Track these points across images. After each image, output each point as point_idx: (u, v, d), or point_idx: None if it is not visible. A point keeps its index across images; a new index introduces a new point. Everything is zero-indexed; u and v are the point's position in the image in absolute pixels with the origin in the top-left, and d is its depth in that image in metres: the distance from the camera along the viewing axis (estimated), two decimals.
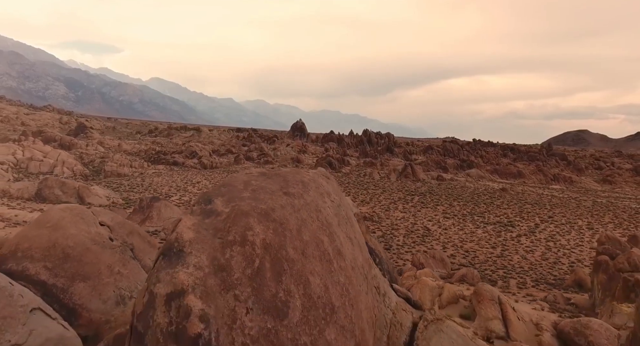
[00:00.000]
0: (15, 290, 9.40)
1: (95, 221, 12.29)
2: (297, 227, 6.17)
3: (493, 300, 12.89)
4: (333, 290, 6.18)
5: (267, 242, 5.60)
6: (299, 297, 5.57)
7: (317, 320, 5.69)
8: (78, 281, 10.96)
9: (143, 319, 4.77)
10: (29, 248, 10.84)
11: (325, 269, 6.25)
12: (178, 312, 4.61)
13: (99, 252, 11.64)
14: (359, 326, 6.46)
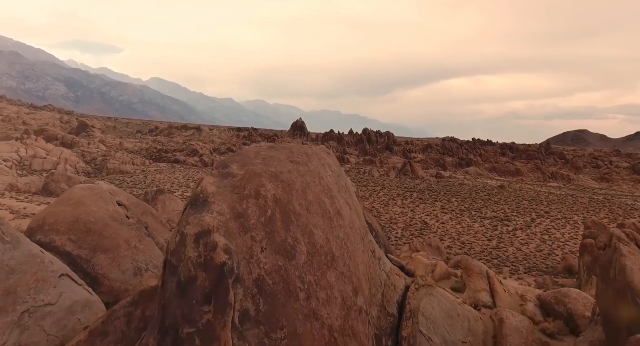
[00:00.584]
0: (45, 257, 10.39)
1: (113, 200, 13.27)
2: (302, 188, 7.15)
3: (481, 274, 13.89)
4: (333, 242, 7.16)
5: (277, 197, 6.58)
6: (304, 244, 6.55)
7: (320, 264, 6.67)
8: (99, 253, 11.93)
9: (176, 254, 5.75)
10: (54, 222, 11.82)
11: (327, 224, 7.23)
12: (205, 247, 5.58)
13: (117, 228, 12.61)
14: (355, 275, 7.45)
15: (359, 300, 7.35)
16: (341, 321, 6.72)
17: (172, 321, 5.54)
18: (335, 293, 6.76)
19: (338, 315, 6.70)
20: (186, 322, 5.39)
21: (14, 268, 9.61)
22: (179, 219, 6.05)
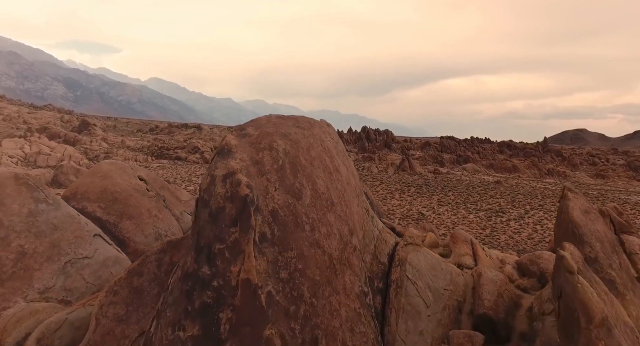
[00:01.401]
0: (81, 219, 11.94)
1: (135, 174, 14.78)
2: (307, 147, 8.66)
3: (466, 242, 15.39)
4: (332, 191, 8.67)
5: (287, 151, 8.08)
6: (309, 189, 8.06)
7: (321, 206, 8.18)
8: (125, 219, 13.46)
9: (207, 191, 7.25)
10: (85, 191, 13.34)
11: (327, 177, 8.73)
12: (231, 184, 7.08)
13: (139, 198, 14.12)
14: (351, 219, 8.96)
15: (353, 240, 8.87)
16: (339, 252, 8.23)
17: (206, 241, 7.04)
18: (334, 230, 8.27)
19: (336, 247, 8.21)
20: (217, 241, 6.90)
21: (57, 226, 11.13)
22: (208, 166, 7.54)
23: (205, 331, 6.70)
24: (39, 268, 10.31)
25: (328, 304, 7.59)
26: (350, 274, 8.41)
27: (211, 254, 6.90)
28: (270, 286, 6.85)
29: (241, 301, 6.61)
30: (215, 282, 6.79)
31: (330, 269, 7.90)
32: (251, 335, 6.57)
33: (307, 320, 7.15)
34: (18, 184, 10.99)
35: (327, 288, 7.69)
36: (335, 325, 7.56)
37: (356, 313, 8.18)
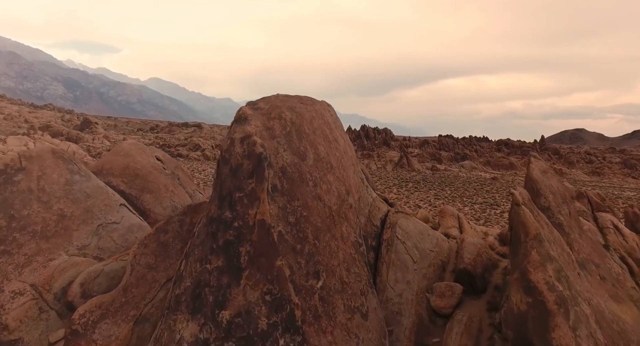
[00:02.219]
0: (109, 190, 13.48)
1: (153, 154, 16.31)
2: (310, 118, 10.19)
3: (453, 216, 16.93)
4: (332, 157, 10.20)
5: (293, 120, 9.61)
6: (311, 153, 9.59)
7: (322, 168, 9.71)
8: (145, 192, 14.97)
9: (228, 151, 8.78)
10: (110, 168, 14.86)
11: (327, 145, 10.26)
12: (248, 144, 8.61)
13: (157, 175, 15.66)
14: (348, 181, 10.49)
15: (350, 199, 10.40)
16: (337, 206, 9.76)
17: (227, 191, 8.56)
18: (333, 188, 9.80)
19: (335, 202, 9.74)
20: (237, 190, 8.42)
21: (89, 194, 12.66)
22: (227, 132, 9.07)
23: (228, 262, 8.23)
24: (76, 228, 11.83)
25: (328, 246, 9.11)
26: (347, 226, 9.93)
27: (232, 201, 8.43)
28: (281, 227, 8.38)
29: (257, 237, 8.14)
30: (235, 223, 8.31)
31: (330, 219, 9.43)
32: (266, 264, 8.09)
33: (311, 256, 8.67)
34: (55, 157, 12.50)
35: (327, 234, 9.22)
36: (334, 263, 9.08)
37: (352, 257, 9.71)
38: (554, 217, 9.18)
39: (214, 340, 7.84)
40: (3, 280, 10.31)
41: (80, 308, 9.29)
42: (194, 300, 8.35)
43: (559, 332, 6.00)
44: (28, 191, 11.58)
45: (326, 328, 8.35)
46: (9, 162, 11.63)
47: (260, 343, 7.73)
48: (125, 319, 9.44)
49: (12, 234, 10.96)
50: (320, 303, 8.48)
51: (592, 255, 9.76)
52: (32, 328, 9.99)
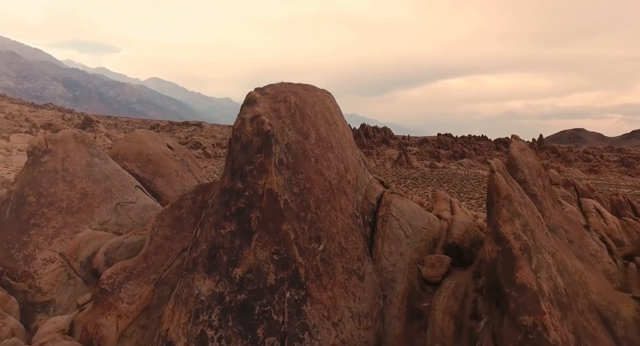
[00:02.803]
0: (125, 173, 14.58)
1: (164, 142, 17.39)
2: (312, 103, 11.28)
3: (445, 200, 18.04)
4: (332, 137, 11.29)
5: (297, 103, 10.70)
6: (313, 132, 10.67)
7: (323, 146, 10.79)
8: (158, 177, 16.08)
9: (239, 130, 9.86)
10: (125, 153, 15.96)
11: (327, 127, 11.35)
12: (257, 123, 9.69)
13: (168, 161, 16.76)
14: (346, 160, 11.58)
15: (348, 175, 11.49)
16: (337, 181, 10.85)
17: (238, 165, 9.65)
18: (333, 165, 10.90)
19: (335, 178, 10.83)
20: (247, 163, 9.51)
21: (108, 175, 13.75)
22: (239, 113, 10.16)
23: (240, 227, 9.32)
24: (97, 206, 12.92)
25: (328, 216, 10.20)
26: (345, 200, 11.03)
27: (243, 174, 9.52)
28: (287, 196, 9.47)
29: (266, 204, 9.23)
30: (246, 192, 9.41)
31: (330, 192, 10.52)
32: (273, 228, 9.18)
33: (313, 223, 9.76)
34: (77, 141, 13.58)
35: (328, 205, 10.31)
36: (333, 230, 10.17)
37: (350, 227, 10.80)
38: (529, 188, 10.24)
39: (228, 292, 8.94)
40: (35, 249, 11.40)
41: (108, 271, 10.38)
42: (209, 260, 9.44)
43: (522, 273, 7.05)
44: (54, 171, 12.67)
45: (327, 285, 9.44)
46: (37, 144, 12.71)
47: (269, 295, 8.82)
48: (146, 281, 10.52)
49: (41, 209, 12.05)
50: (321, 263, 9.56)
51: (562, 223, 10.83)
52: (62, 292, 11.07)
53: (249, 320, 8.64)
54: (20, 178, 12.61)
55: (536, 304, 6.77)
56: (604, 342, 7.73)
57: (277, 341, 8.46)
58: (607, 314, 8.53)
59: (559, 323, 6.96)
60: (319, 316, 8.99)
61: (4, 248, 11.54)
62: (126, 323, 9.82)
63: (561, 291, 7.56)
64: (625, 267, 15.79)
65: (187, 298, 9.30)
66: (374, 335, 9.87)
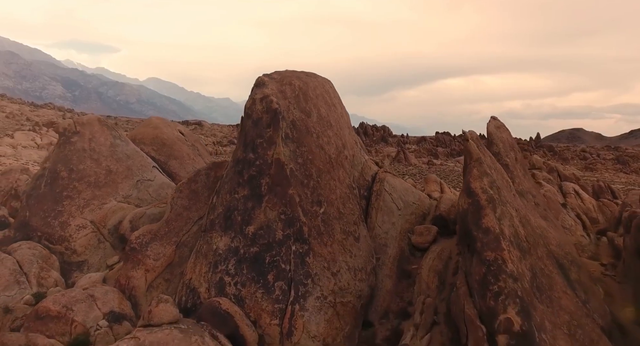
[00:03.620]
0: (143, 154, 16.06)
1: (176, 128, 18.88)
2: (313, 86, 12.78)
3: (436, 182, 19.54)
4: (331, 117, 12.79)
5: (300, 86, 12.20)
6: (315, 112, 12.18)
7: (323, 124, 12.30)
8: (172, 159, 17.58)
9: (250, 108, 11.36)
10: (142, 137, 17.44)
11: (327, 108, 12.86)
12: (266, 102, 11.19)
13: (181, 145, 18.26)
14: (343, 138, 13.08)
15: (346, 151, 13.00)
16: (335, 155, 12.36)
17: (250, 139, 11.15)
18: (332, 141, 12.40)
19: (334, 152, 12.33)
20: (258, 137, 11.01)
21: (129, 155, 15.24)
22: (250, 95, 11.65)
23: (252, 191, 10.82)
24: (121, 182, 14.40)
25: (328, 184, 11.71)
26: (343, 172, 12.53)
27: (254, 146, 11.02)
28: (292, 165, 10.97)
29: (274, 172, 10.73)
30: (257, 162, 10.91)
31: (330, 164, 12.03)
32: (281, 192, 10.68)
33: (314, 189, 11.26)
34: (101, 124, 15.07)
35: (327, 175, 11.82)
36: (332, 197, 11.68)
37: (347, 195, 12.30)
38: (502, 159, 11.70)
39: (242, 246, 10.44)
40: (69, 217, 12.89)
41: (135, 233, 11.87)
42: (225, 220, 10.94)
43: (487, 219, 8.50)
44: (82, 150, 14.16)
45: (327, 242, 10.94)
46: (67, 126, 14.20)
47: (277, 248, 10.32)
48: (169, 243, 12.02)
49: (72, 183, 13.55)
50: (322, 224, 11.07)
51: (531, 189, 12.30)
52: (93, 253, 12.57)
53: (261, 268, 10.14)
54: (52, 156, 14.10)
55: (497, 243, 8.25)
56: (557, 281, 9.21)
57: (285, 285, 9.96)
58: (563, 261, 10.00)
59: (518, 261, 8.45)
60: (320, 267, 10.49)
61: (41, 217, 13.02)
62: (153, 276, 11.31)
63: (522, 237, 9.05)
64: (598, 240, 17.33)
65: (206, 252, 10.80)
66: (367, 287, 11.37)
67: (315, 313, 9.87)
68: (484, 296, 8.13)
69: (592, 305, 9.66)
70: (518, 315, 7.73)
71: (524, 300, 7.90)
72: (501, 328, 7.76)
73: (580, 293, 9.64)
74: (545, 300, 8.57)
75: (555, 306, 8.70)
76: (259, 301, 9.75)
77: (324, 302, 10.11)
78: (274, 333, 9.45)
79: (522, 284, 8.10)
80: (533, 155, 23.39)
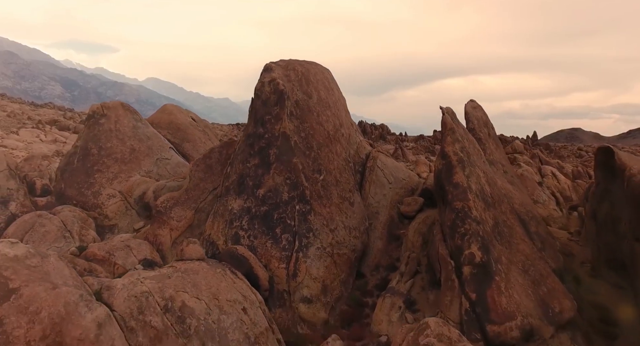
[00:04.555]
0: (161, 136, 17.90)
1: (189, 115, 20.74)
2: (314, 72, 14.65)
3: (425, 164, 21.44)
4: (329, 99, 14.66)
5: (302, 72, 14.06)
6: (315, 94, 14.05)
7: (323, 105, 14.16)
8: (185, 142, 19.43)
9: (259, 90, 13.22)
10: (158, 122, 19.29)
11: (326, 91, 14.72)
12: (274, 85, 13.05)
13: (193, 130, 20.12)
14: (340, 118, 14.94)
15: (342, 130, 14.86)
16: (333, 132, 14.22)
17: (260, 116, 13.00)
18: (330, 120, 14.26)
19: (331, 129, 14.19)
20: (267, 114, 12.86)
21: (149, 137, 17.09)
22: (259, 78, 13.51)
23: (261, 160, 12.67)
24: (143, 159, 16.25)
25: (327, 156, 13.57)
26: (340, 147, 14.40)
27: (263, 122, 12.88)
28: (296, 138, 12.83)
29: (281, 143, 12.59)
30: (266, 135, 12.76)
31: (328, 139, 13.89)
32: (286, 161, 12.53)
33: (315, 160, 13.12)
34: (124, 109, 16.91)
35: (326, 149, 13.68)
36: (330, 167, 13.54)
37: (343, 167, 14.16)
38: (476, 134, 13.56)
39: (254, 206, 12.30)
40: (100, 188, 14.74)
41: (160, 198, 13.72)
42: (239, 186, 12.80)
43: (457, 176, 10.33)
44: (109, 131, 16.01)
45: (325, 204, 12.81)
46: (96, 110, 16.05)
47: (283, 207, 12.17)
48: (189, 208, 13.87)
49: (102, 159, 15.40)
50: (321, 189, 12.93)
51: (501, 160, 14.17)
52: (122, 219, 14.42)
53: (270, 223, 12.00)
54: (83, 136, 15.95)
55: (465, 195, 10.09)
56: (517, 231, 11.07)
57: (290, 237, 11.82)
58: (524, 217, 11.85)
59: (482, 210, 10.31)
60: (320, 224, 12.35)
61: (76, 188, 14.86)
62: (176, 234, 13.16)
63: (487, 193, 10.91)
64: (569, 214, 19.24)
65: (223, 212, 12.66)
66: (360, 243, 13.24)
67: (315, 260, 11.73)
68: (453, 237, 10.00)
69: (547, 253, 11.54)
70: (479, 250, 9.60)
71: (485, 239, 9.77)
72: (466, 260, 9.63)
73: (537, 242, 11.52)
74: (504, 243, 10.45)
75: (514, 249, 10.57)
76: (268, 249, 11.61)
77: (323, 252, 11.98)
78: (281, 275, 11.31)
79: (484, 227, 9.97)
80: (514, 140, 25.08)
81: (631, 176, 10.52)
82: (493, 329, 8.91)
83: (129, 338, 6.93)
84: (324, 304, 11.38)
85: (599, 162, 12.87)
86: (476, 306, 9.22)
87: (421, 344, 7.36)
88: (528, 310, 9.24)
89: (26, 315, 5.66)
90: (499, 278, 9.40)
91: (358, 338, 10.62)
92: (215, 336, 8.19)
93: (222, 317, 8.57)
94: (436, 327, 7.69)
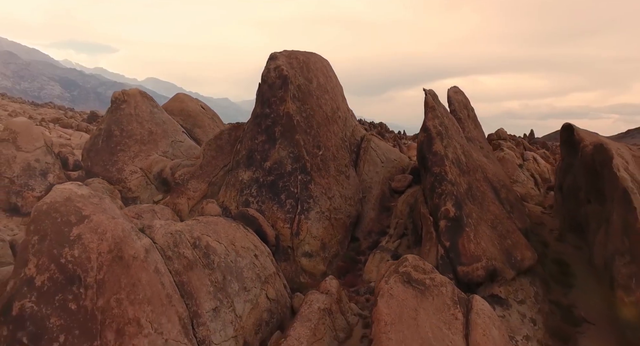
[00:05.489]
0: (175, 121, 19.69)
1: (199, 103, 22.55)
2: (314, 61, 16.46)
3: (416, 149, 23.28)
4: (327, 85, 16.48)
5: (304, 60, 15.87)
6: (315, 81, 15.87)
7: (322, 90, 15.98)
8: (196, 127, 21.23)
9: (266, 75, 15.03)
10: (171, 110, 21.09)
11: (325, 78, 16.53)
12: (279, 71, 14.85)
13: (203, 117, 21.93)
14: (337, 102, 16.76)
15: (339, 112, 16.68)
16: (331, 114, 16.03)
17: (266, 98, 14.81)
18: (328, 103, 16.07)
19: (330, 111, 16.00)
20: (272, 96, 14.67)
21: (164, 121, 18.90)
22: (265, 65, 15.31)
23: (268, 137, 14.47)
24: (159, 140, 18.04)
25: (325, 134, 15.37)
26: (337, 127, 16.20)
27: (269, 103, 14.68)
28: (298, 118, 14.63)
29: (285, 122, 14.39)
30: (272, 115, 14.56)
31: (326, 120, 15.70)
32: (290, 137, 14.33)
33: (315, 137, 14.92)
34: (142, 96, 18.70)
35: (325, 128, 15.48)
36: (329, 144, 15.34)
37: (340, 145, 15.97)
38: (457, 114, 15.37)
39: (261, 176, 14.10)
40: (123, 165, 16.54)
41: (178, 172, 15.52)
42: (248, 159, 14.60)
43: (436, 146, 12.12)
44: (129, 115, 17.80)
45: (324, 175, 14.61)
46: (117, 96, 17.84)
47: (287, 177, 13.97)
48: (203, 181, 15.67)
49: (124, 140, 17.19)
50: (320, 162, 14.74)
51: (479, 137, 16.00)
52: (143, 192, 16.22)
53: (276, 190, 13.80)
54: (106, 120, 17.75)
55: (442, 161, 11.90)
56: (489, 196, 12.88)
57: (293, 202, 13.62)
58: (495, 185, 13.67)
59: (457, 175, 12.12)
60: (319, 192, 14.16)
61: (101, 165, 16.65)
62: (193, 203, 14.96)
63: (462, 162, 12.72)
64: (546, 194, 21.07)
65: (234, 183, 14.46)
66: (355, 211, 15.05)
67: (315, 221, 13.54)
68: (432, 197, 11.82)
69: (515, 215, 13.37)
70: (453, 206, 11.41)
71: (458, 197, 11.58)
72: (442, 215, 11.44)
73: (507, 206, 13.34)
74: (476, 204, 12.26)
75: (484, 209, 12.39)
76: (275, 212, 13.42)
77: (322, 215, 13.79)
78: (286, 233, 13.12)
79: (458, 189, 11.79)
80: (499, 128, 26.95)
81: (584, 147, 12.33)
82: (462, 269, 10.72)
83: (167, 264, 8.72)
84: (322, 258, 13.19)
85: (563, 139, 14.69)
86: (449, 252, 11.02)
87: (400, 271, 9.17)
88: (493, 255, 11.05)
89: (96, 234, 7.42)
90: (469, 230, 11.21)
91: (352, 285, 12.44)
92: (233, 271, 9.98)
93: (238, 259, 10.37)
94: (413, 260, 9.49)
